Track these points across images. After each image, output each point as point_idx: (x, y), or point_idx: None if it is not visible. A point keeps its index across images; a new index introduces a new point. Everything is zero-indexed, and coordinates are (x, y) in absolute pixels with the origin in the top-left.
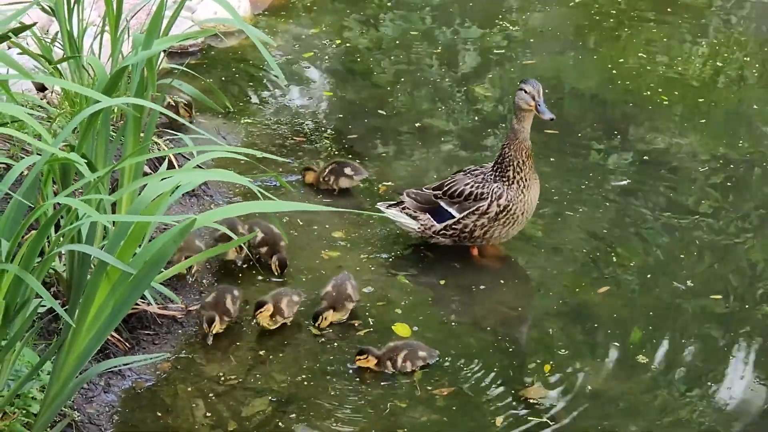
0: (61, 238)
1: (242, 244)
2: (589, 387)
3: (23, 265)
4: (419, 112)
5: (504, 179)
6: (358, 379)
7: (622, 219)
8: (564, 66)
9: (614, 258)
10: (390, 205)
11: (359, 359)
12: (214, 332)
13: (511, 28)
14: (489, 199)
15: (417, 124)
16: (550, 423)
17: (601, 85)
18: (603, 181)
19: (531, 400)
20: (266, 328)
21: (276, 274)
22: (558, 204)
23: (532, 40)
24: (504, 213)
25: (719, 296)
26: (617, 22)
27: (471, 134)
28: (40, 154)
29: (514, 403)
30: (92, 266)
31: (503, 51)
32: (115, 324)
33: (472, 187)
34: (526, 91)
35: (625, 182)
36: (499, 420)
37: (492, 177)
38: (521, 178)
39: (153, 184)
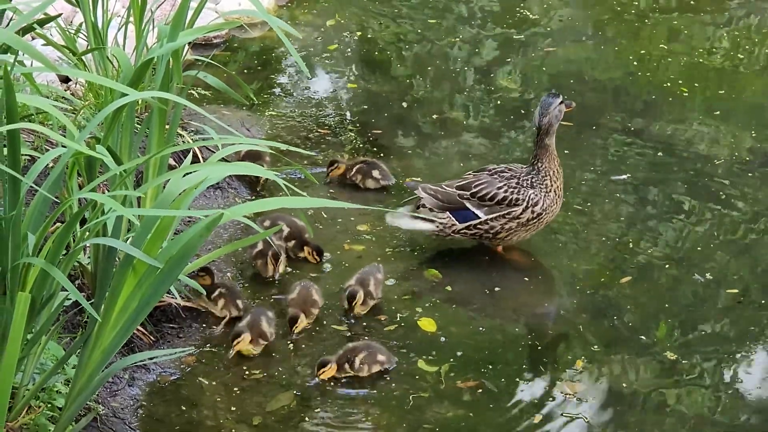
0: (87, 232)
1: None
2: (624, 384)
3: (50, 259)
4: (442, 104)
5: (542, 186)
6: (384, 373)
7: (643, 210)
8: (585, 56)
9: (636, 251)
10: (403, 202)
11: (322, 372)
12: (299, 330)
13: (531, 16)
14: (524, 205)
15: (440, 116)
16: (587, 419)
17: (623, 76)
18: (622, 172)
19: (567, 395)
20: (250, 354)
21: (314, 262)
22: (579, 196)
23: (551, 29)
24: (535, 220)
25: (735, 290)
26: (639, 14)
27: (494, 126)
28: (65, 147)
29: (546, 398)
30: (117, 260)
31: (523, 40)
32: (142, 318)
33: (506, 191)
34: (562, 101)
35: (625, 176)
36: (537, 417)
37: (528, 183)
38: (557, 187)
39: (179, 179)
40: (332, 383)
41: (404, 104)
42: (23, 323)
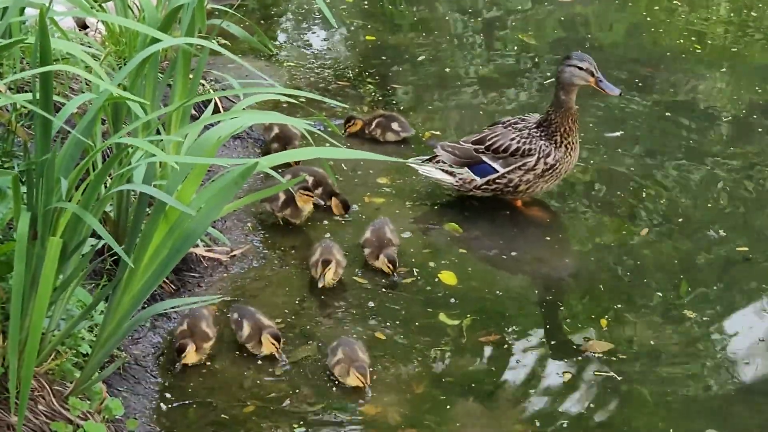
0: (119, 179)
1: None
2: (651, 342)
3: (83, 204)
4: (461, 59)
5: (551, 140)
6: (405, 327)
7: (654, 167)
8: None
9: (651, 206)
10: (424, 160)
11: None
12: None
13: None
14: (537, 155)
15: (455, 69)
16: (618, 377)
17: (628, 34)
18: (634, 128)
19: (594, 353)
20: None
21: (339, 214)
22: (595, 154)
23: None
24: (550, 171)
25: (746, 248)
26: None
27: (510, 79)
28: (92, 94)
29: (572, 355)
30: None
31: None
32: (172, 266)
33: (518, 142)
34: (581, 68)
35: (618, 134)
36: (567, 376)
37: (538, 134)
38: (568, 143)
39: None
40: (346, 325)
41: (422, 57)
42: (54, 268)
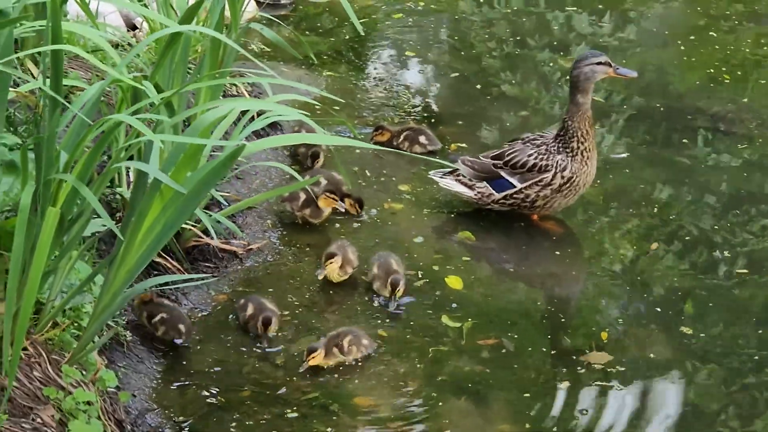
0: (120, 155)
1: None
2: (652, 355)
3: (79, 176)
4: (502, 80)
5: (568, 150)
6: (407, 326)
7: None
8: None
9: (667, 224)
10: (445, 174)
11: (311, 357)
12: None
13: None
14: (553, 171)
15: (498, 89)
16: (618, 388)
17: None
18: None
19: (590, 364)
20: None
21: (355, 213)
22: (614, 170)
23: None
24: (567, 184)
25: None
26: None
27: (549, 105)
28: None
29: (569, 365)
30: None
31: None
32: (165, 241)
33: (535, 158)
34: (600, 63)
35: (624, 155)
36: (564, 384)
37: (555, 148)
38: (585, 149)
39: (214, 110)
40: (352, 322)
41: (461, 74)
42: (50, 236)
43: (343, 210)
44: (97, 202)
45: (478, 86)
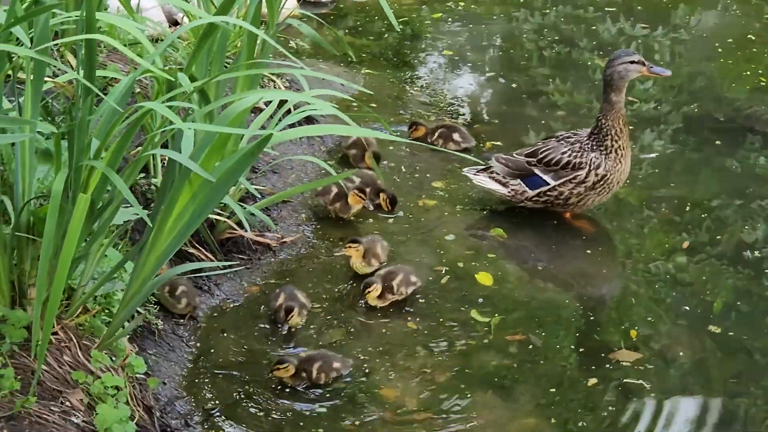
0: (151, 144)
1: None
2: (680, 353)
3: (109, 163)
4: (542, 83)
5: (601, 148)
6: (436, 319)
7: (720, 186)
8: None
9: (699, 224)
10: (479, 171)
11: (278, 368)
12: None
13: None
14: (587, 168)
15: (535, 89)
16: (646, 385)
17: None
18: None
19: (619, 362)
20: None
21: (387, 210)
22: (649, 170)
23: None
24: (601, 182)
25: None
26: None
27: (584, 106)
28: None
29: (597, 362)
30: None
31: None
32: (194, 228)
33: (569, 156)
34: (634, 61)
35: (654, 155)
36: (591, 381)
37: (589, 146)
38: (619, 147)
39: (244, 99)
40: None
41: (498, 74)
42: (81, 222)
43: (371, 208)
44: (127, 189)
45: (514, 86)
